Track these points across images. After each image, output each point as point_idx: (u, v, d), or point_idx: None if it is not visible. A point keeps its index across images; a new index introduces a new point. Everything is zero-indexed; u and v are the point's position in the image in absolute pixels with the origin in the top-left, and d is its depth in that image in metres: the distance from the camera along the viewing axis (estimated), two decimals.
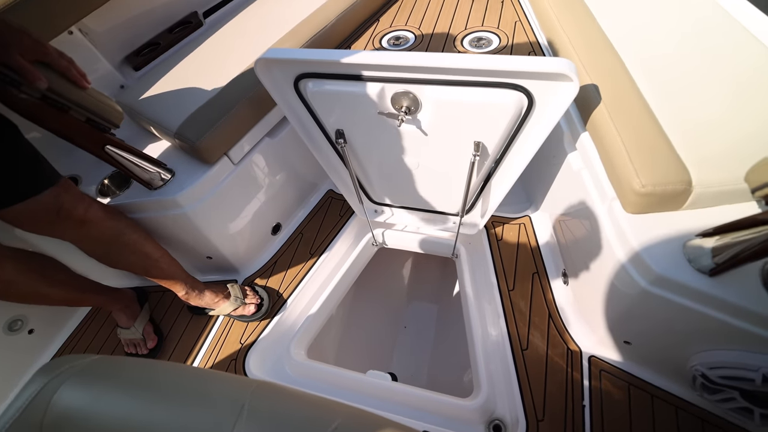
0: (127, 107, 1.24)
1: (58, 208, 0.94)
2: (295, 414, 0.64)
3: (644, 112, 0.92)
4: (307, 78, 1.00)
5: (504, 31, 1.38)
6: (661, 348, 1.00)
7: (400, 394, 1.18)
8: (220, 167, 1.21)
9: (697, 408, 1.03)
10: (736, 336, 0.81)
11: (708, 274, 0.79)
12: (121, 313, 1.33)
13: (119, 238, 1.10)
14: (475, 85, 0.90)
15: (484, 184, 1.18)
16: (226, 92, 1.19)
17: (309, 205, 1.64)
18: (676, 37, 1.08)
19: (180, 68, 1.32)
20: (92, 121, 0.91)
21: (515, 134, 0.99)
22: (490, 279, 1.32)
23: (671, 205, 0.86)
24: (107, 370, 0.73)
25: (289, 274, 1.46)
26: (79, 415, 0.67)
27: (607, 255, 0.95)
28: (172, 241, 1.29)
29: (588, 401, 1.08)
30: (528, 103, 0.91)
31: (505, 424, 1.11)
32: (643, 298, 0.88)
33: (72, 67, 0.82)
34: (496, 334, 1.24)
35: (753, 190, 0.65)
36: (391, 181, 1.26)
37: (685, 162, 0.84)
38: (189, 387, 0.69)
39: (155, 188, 1.15)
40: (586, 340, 1.16)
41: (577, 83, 0.81)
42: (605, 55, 1.06)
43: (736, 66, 0.98)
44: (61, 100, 0.83)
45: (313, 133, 1.17)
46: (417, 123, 1.01)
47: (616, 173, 0.91)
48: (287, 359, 1.26)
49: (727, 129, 0.87)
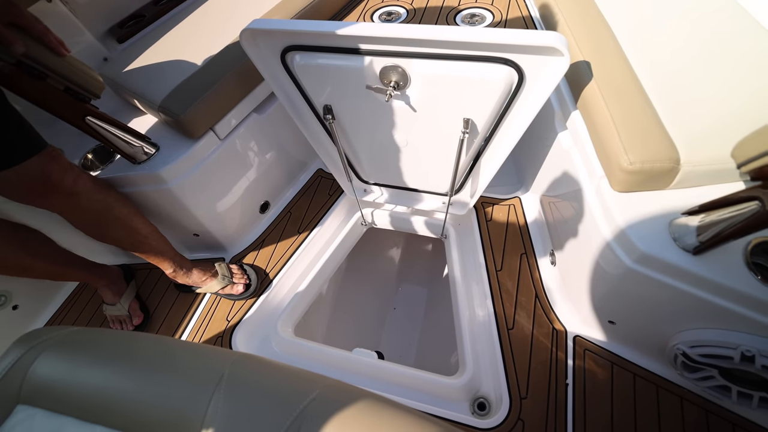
0: (110, 80, 1.21)
1: (46, 177, 0.92)
2: (274, 384, 0.64)
3: (635, 90, 0.91)
4: (295, 51, 0.98)
5: (498, 7, 1.35)
6: (644, 327, 1.00)
7: (385, 372, 1.18)
8: (205, 142, 1.18)
9: (677, 387, 1.04)
10: (717, 314, 0.82)
11: (692, 252, 0.80)
12: (106, 289, 1.32)
13: (108, 212, 1.08)
14: (465, 59, 0.88)
15: (473, 164, 1.17)
16: (212, 65, 1.17)
17: (298, 183, 1.63)
18: (670, 15, 1.07)
19: (165, 41, 1.29)
20: (71, 90, 0.89)
21: (505, 111, 0.98)
22: (479, 259, 1.32)
23: (659, 183, 0.86)
24: (86, 342, 0.72)
25: (277, 252, 1.45)
26: (57, 384, 0.66)
27: (594, 234, 0.95)
28: (157, 217, 1.27)
29: (571, 380, 1.09)
30: (518, 79, 0.89)
31: (489, 401, 1.12)
32: (627, 277, 0.88)
33: (49, 34, 0.80)
34: (483, 314, 1.24)
35: (739, 165, 0.65)
36: (380, 160, 1.25)
37: (674, 140, 0.83)
38: (168, 357, 0.69)
39: (139, 162, 1.13)
40: (572, 319, 1.16)
41: (567, 58, 0.79)
42: (599, 32, 1.05)
43: (728, 44, 0.97)
44: (38, 67, 0.80)
45: (301, 108, 1.15)
46: (406, 99, 0.99)
47: (605, 151, 0.90)
48: (274, 336, 1.26)
49: (716, 107, 0.87)
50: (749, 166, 0.62)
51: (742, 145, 0.64)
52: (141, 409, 0.63)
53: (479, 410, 1.11)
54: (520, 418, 1.06)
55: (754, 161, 0.61)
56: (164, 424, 0.62)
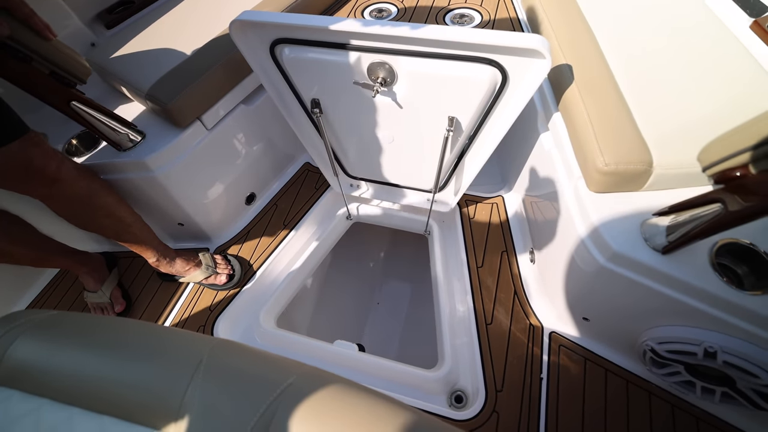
0: (97, 66, 1.21)
1: (28, 163, 0.91)
2: (251, 370, 0.65)
3: (614, 93, 0.94)
4: (284, 44, 0.99)
5: (487, 8, 1.38)
6: (616, 324, 1.04)
7: (365, 364, 1.20)
8: (192, 131, 1.19)
9: (646, 382, 1.08)
10: (683, 312, 0.86)
11: (661, 252, 0.83)
12: (88, 277, 1.31)
13: (92, 199, 1.07)
14: (451, 59, 0.90)
15: (457, 162, 1.19)
16: (201, 54, 1.17)
17: (285, 176, 1.63)
18: (650, 22, 1.11)
19: (154, 28, 1.29)
20: (56, 74, 0.88)
21: (489, 111, 1.00)
22: (461, 256, 1.34)
23: (632, 185, 0.89)
24: (66, 325, 0.73)
25: (262, 244, 1.46)
26: (34, 366, 0.67)
27: (570, 233, 0.98)
28: (141, 205, 1.27)
29: (546, 374, 1.12)
30: (502, 79, 0.91)
31: (466, 394, 1.15)
32: (600, 275, 0.92)
33: (35, 16, 0.79)
34: (462, 310, 1.27)
35: (703, 168, 0.68)
36: (366, 155, 1.26)
37: (648, 144, 0.87)
38: (148, 343, 0.69)
39: (124, 149, 1.12)
40: (548, 316, 1.20)
41: (549, 60, 0.82)
42: (582, 36, 1.08)
43: (703, 52, 1.01)
44: (23, 50, 0.80)
45: (289, 101, 1.16)
46: (392, 95, 1.01)
47: (582, 152, 0.93)
48: (256, 327, 1.28)
49: (689, 113, 0.90)
50: (712, 170, 0.66)
51: (706, 150, 0.67)
52: (119, 392, 0.64)
53: (456, 403, 1.14)
54: (495, 410, 1.08)
55: (716, 165, 0.65)
56: (142, 407, 0.63)
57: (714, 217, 0.69)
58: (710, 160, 0.66)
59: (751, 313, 0.77)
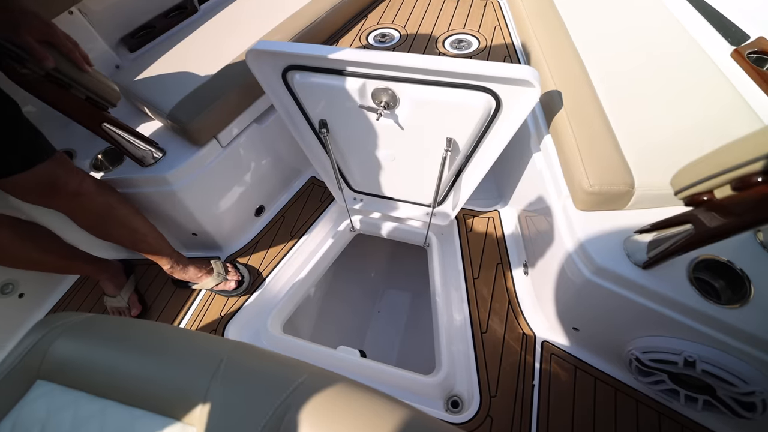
0: (122, 87, 1.29)
1: (54, 181, 1.00)
2: (266, 370, 0.73)
3: (599, 118, 1.02)
4: (295, 70, 1.07)
5: (484, 34, 1.46)
6: (603, 334, 1.10)
7: (367, 369, 1.27)
8: (208, 149, 1.27)
9: (634, 390, 1.14)
10: (664, 323, 0.92)
11: (642, 267, 0.90)
12: (108, 282, 1.39)
13: (110, 212, 1.16)
14: (449, 86, 0.98)
15: (455, 179, 1.27)
16: (218, 78, 1.26)
17: (292, 189, 1.72)
18: (636, 50, 1.19)
19: (174, 52, 1.38)
20: (91, 99, 0.98)
21: (484, 133, 1.08)
22: (458, 267, 1.41)
23: (616, 204, 0.96)
24: (99, 327, 0.81)
25: (270, 254, 1.53)
26: (72, 363, 0.75)
27: (559, 247, 1.05)
28: (159, 216, 1.35)
29: (537, 381, 1.18)
30: (495, 105, 0.99)
31: (462, 400, 1.21)
32: (586, 287, 0.98)
33: (76, 50, 0.89)
34: (459, 318, 1.34)
35: (675, 192, 0.75)
36: (369, 171, 1.34)
37: (631, 166, 0.94)
38: (172, 343, 0.77)
39: (147, 165, 1.21)
40: (541, 326, 1.26)
41: (538, 89, 0.90)
42: (571, 64, 1.16)
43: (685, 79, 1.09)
44: (64, 78, 0.90)
45: (298, 121, 1.24)
46: (395, 118, 1.09)
47: (570, 173, 1.00)
48: (264, 332, 1.35)
49: (669, 137, 0.98)
50: (683, 194, 0.73)
51: (677, 176, 0.74)
52: (147, 387, 0.71)
53: (453, 407, 1.20)
54: (489, 415, 1.15)
55: (686, 190, 0.72)
56: (168, 400, 0.70)
57: (687, 237, 0.76)
58: (680, 185, 0.73)
59: (726, 325, 0.83)
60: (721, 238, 0.70)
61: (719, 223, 0.68)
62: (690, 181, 0.71)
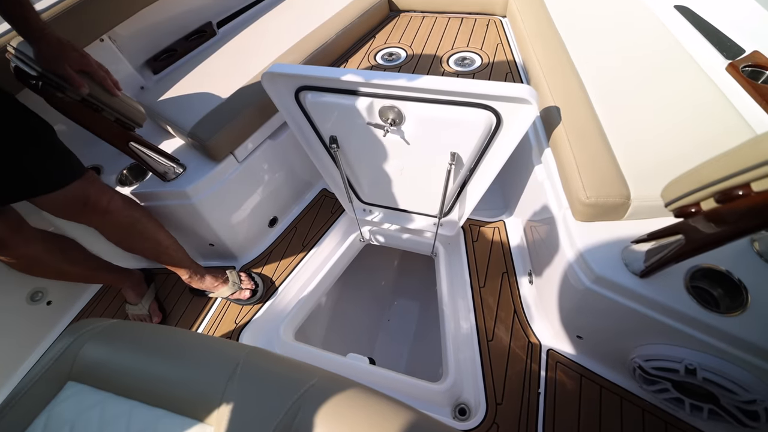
0: (146, 107, 1.38)
1: (86, 199, 1.09)
2: (280, 372, 0.78)
3: (596, 133, 1.06)
4: (307, 90, 1.14)
5: (486, 52, 1.52)
6: (606, 342, 1.13)
7: (375, 376, 1.31)
8: (226, 164, 1.35)
9: (640, 399, 1.15)
10: (664, 331, 0.94)
11: (639, 275, 0.93)
12: (130, 291, 1.47)
13: (135, 227, 1.24)
14: (452, 104, 1.04)
15: (460, 191, 1.32)
16: (235, 98, 1.34)
17: (304, 201, 1.78)
18: (632, 63, 1.23)
19: (194, 74, 1.47)
20: (120, 120, 1.07)
21: (486, 147, 1.13)
22: (464, 276, 1.45)
23: (613, 215, 0.99)
24: (125, 332, 0.87)
25: (283, 263, 1.59)
26: (100, 365, 0.81)
27: (561, 257, 1.08)
28: (179, 228, 1.43)
29: (543, 389, 1.20)
30: (496, 122, 1.04)
31: (469, 407, 1.24)
32: (587, 296, 1.01)
33: (108, 78, 0.98)
34: (466, 327, 1.37)
35: (666, 204, 0.78)
36: (377, 184, 1.40)
37: (627, 178, 0.97)
38: (192, 348, 0.83)
39: (168, 180, 1.29)
40: (546, 334, 1.29)
41: (535, 107, 0.95)
42: (569, 81, 1.20)
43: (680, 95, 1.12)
44: (96, 103, 0.99)
45: (310, 137, 1.31)
46: (401, 133, 1.15)
47: (568, 185, 1.04)
48: (276, 339, 1.40)
49: (663, 150, 1.01)
50: (673, 205, 0.76)
51: (667, 187, 0.77)
52: (169, 389, 0.77)
53: (460, 415, 1.23)
54: (495, 422, 1.17)
55: (675, 202, 0.75)
56: (188, 401, 0.76)
57: (677, 247, 0.79)
58: (669, 198, 0.76)
59: (723, 333, 0.85)
60: (710, 248, 0.73)
61: (707, 234, 0.71)
62: (678, 193, 0.74)
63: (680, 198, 0.74)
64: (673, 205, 0.76)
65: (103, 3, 1.30)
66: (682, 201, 0.74)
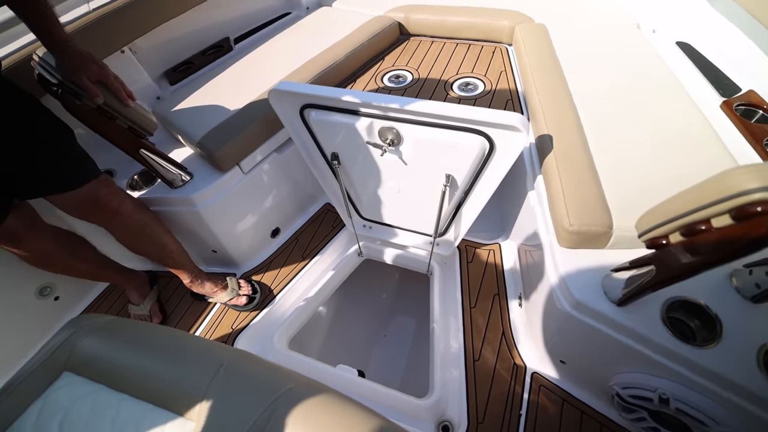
0: (160, 116, 1.47)
1: (97, 199, 1.15)
2: (260, 375, 0.82)
3: (585, 162, 1.09)
4: (311, 108, 1.20)
5: (490, 79, 1.57)
6: (588, 368, 1.14)
7: (362, 389, 1.33)
8: (231, 174, 1.42)
9: (619, 427, 1.15)
10: (639, 360, 0.96)
11: (617, 303, 0.95)
12: (133, 291, 1.53)
13: (144, 229, 1.30)
14: (447, 128, 1.09)
15: (456, 211, 1.36)
16: (244, 112, 1.41)
17: (307, 214, 1.84)
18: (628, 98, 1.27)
19: (208, 87, 1.56)
20: (132, 128, 1.14)
21: (480, 171, 1.17)
22: (457, 296, 1.48)
23: (596, 243, 1.02)
24: (121, 329, 0.93)
25: (282, 273, 1.64)
26: (95, 359, 0.86)
27: (546, 282, 1.11)
28: (184, 233, 1.49)
29: (525, 411, 1.21)
30: (489, 147, 1.09)
31: (453, 425, 1.25)
32: (568, 321, 1.03)
33: (122, 89, 1.05)
34: (455, 346, 1.39)
35: (639, 235, 0.81)
36: (376, 201, 1.45)
37: (611, 209, 1.01)
38: (182, 347, 0.88)
39: (175, 187, 1.36)
40: (532, 357, 1.30)
41: (525, 134, 0.99)
42: (565, 111, 1.24)
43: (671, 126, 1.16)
44: (111, 111, 1.06)
45: (313, 153, 1.37)
46: (399, 154, 1.20)
47: (555, 212, 1.08)
48: (270, 347, 1.44)
49: (651, 182, 1.04)
50: (645, 237, 0.79)
51: (641, 219, 0.80)
52: (157, 384, 0.81)
53: None
54: None
55: (646, 233, 0.78)
56: (173, 397, 0.80)
57: (649, 278, 0.82)
58: (642, 229, 0.79)
59: (695, 365, 0.87)
60: (680, 279, 0.75)
61: (676, 265, 0.74)
62: (649, 225, 0.78)
63: (651, 230, 0.77)
64: (645, 236, 0.79)
65: (126, 17, 1.39)
66: (653, 233, 0.77)
